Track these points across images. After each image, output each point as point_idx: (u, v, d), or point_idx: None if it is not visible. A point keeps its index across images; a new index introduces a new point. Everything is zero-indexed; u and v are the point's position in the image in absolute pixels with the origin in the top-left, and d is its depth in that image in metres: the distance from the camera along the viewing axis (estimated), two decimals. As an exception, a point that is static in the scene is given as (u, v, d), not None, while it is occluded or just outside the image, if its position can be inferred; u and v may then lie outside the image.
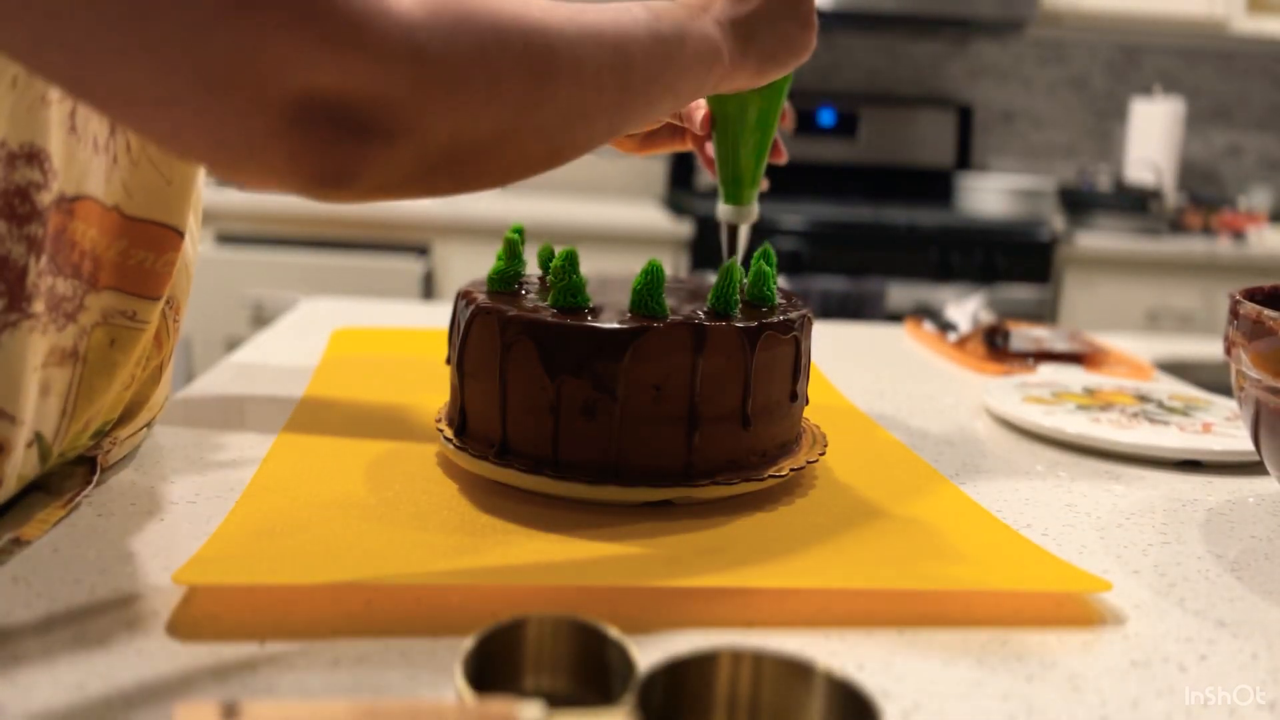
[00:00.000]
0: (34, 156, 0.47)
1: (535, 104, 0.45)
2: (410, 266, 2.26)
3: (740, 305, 0.59)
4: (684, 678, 0.35)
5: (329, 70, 0.37)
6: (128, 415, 0.61)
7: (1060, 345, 1.04)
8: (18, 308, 0.48)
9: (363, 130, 0.39)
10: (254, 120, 0.37)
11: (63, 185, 0.49)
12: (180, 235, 0.58)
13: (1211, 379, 1.03)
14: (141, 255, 0.56)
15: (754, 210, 0.70)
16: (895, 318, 2.27)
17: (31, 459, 0.52)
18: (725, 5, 0.56)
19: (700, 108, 0.68)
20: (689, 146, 0.73)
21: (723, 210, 0.70)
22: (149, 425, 0.65)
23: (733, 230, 0.71)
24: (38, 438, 0.52)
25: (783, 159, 0.72)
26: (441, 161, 0.43)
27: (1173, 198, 2.78)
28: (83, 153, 0.51)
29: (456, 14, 0.41)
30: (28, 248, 0.47)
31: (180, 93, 0.36)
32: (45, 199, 0.48)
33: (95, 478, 0.56)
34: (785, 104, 0.68)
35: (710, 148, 0.71)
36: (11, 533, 0.50)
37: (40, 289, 0.49)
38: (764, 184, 0.71)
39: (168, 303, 0.61)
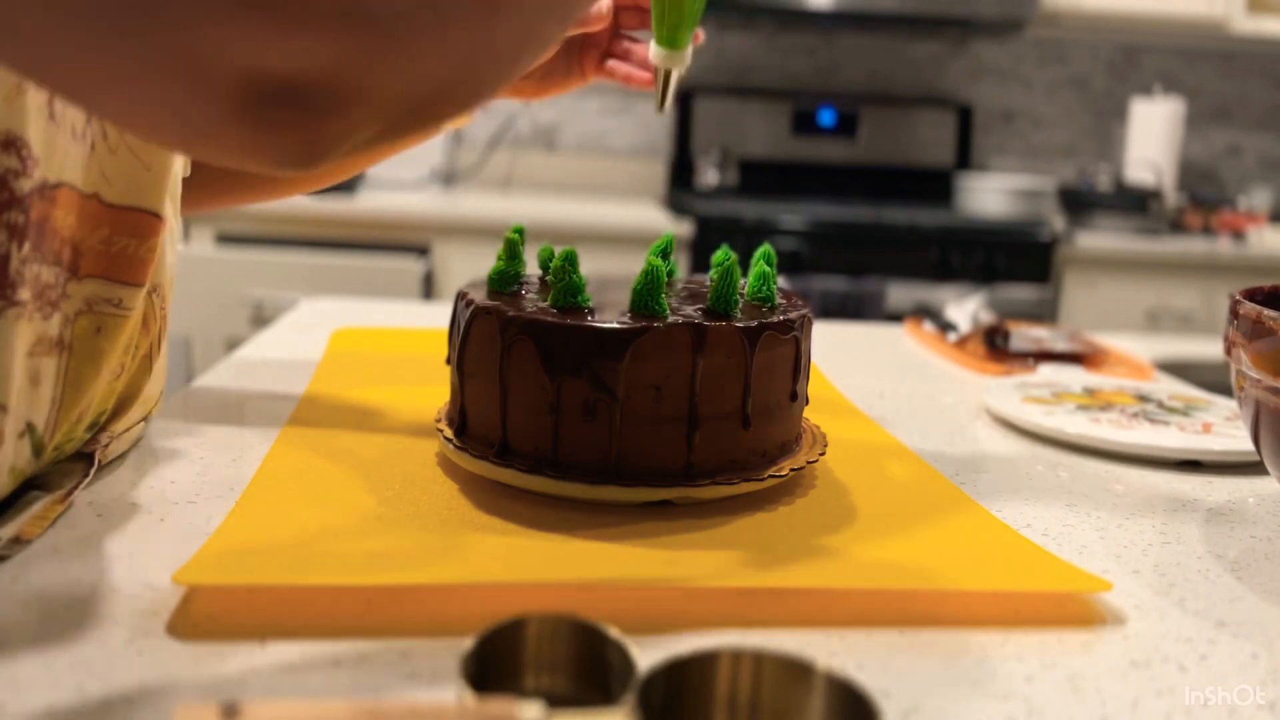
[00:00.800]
0: (11, 144, 0.47)
1: (487, 32, 0.43)
2: (410, 266, 2.25)
3: (740, 305, 0.59)
4: (684, 678, 0.35)
5: (274, 51, 0.37)
6: (121, 408, 0.61)
7: (1060, 345, 1.04)
8: (2, 295, 0.48)
9: (319, 106, 0.39)
10: (203, 103, 0.37)
11: (44, 172, 0.50)
12: (161, 219, 0.59)
13: (1211, 379, 1.03)
14: (124, 242, 0.57)
15: (687, 55, 0.72)
16: (895, 318, 2.27)
17: (24, 451, 0.52)
18: None
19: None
20: (588, 77, 0.75)
21: (655, 54, 0.72)
22: (146, 420, 0.65)
23: (666, 76, 0.72)
24: (29, 428, 0.52)
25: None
26: (402, 114, 0.43)
27: (1173, 198, 2.78)
28: (62, 140, 0.51)
29: None
30: (9, 235, 0.48)
31: (128, 75, 0.36)
32: (25, 186, 0.48)
33: (93, 471, 0.57)
34: None
35: (611, 64, 0.73)
36: (11, 530, 0.50)
37: (25, 276, 0.49)
38: (698, 35, 0.73)
39: (154, 290, 0.61)
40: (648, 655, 0.37)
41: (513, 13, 0.44)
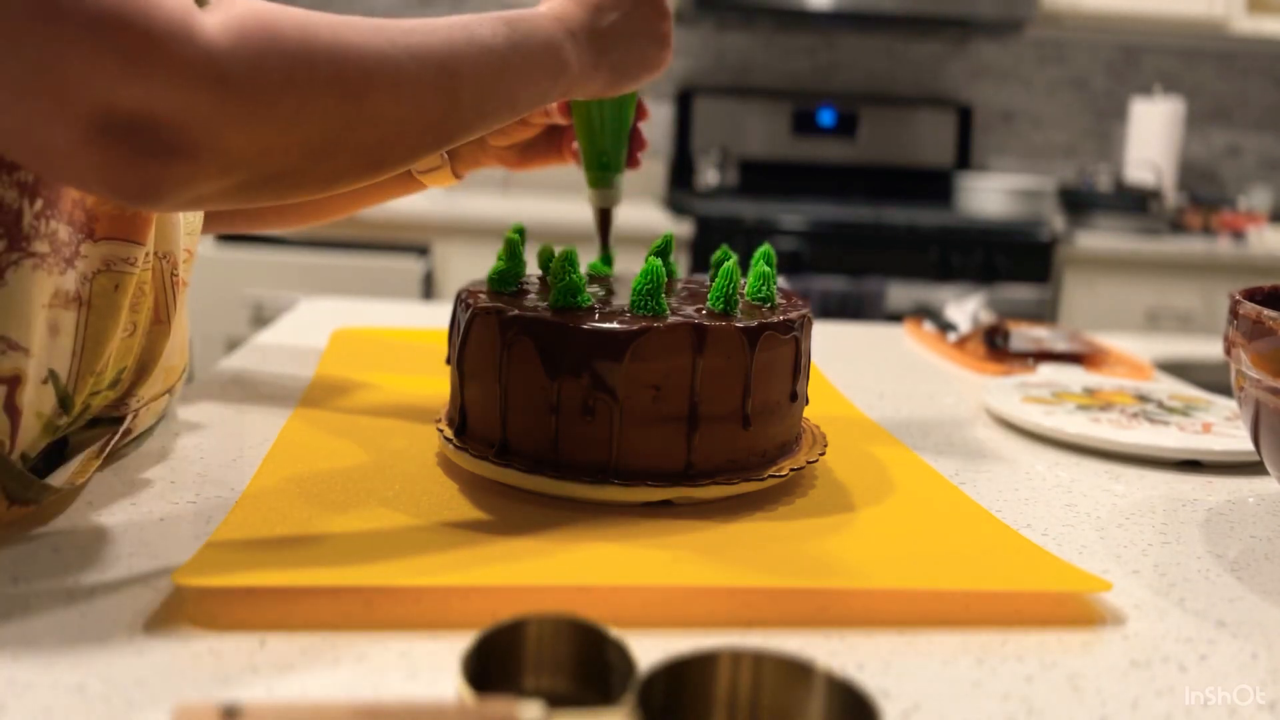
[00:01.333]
0: None
1: (348, 123, 0.47)
2: (410, 266, 2.26)
3: (740, 305, 0.59)
4: (684, 678, 0.35)
5: (129, 88, 0.40)
6: (144, 371, 0.62)
7: (1060, 345, 1.04)
8: (18, 247, 0.50)
9: (165, 148, 0.42)
10: (59, 129, 0.41)
11: None
12: None
13: (1211, 379, 1.03)
14: None
15: (619, 193, 0.73)
16: (895, 318, 2.27)
17: (49, 398, 0.53)
18: (582, 16, 0.58)
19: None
20: (567, 160, 0.76)
21: (589, 195, 0.73)
22: (170, 393, 0.66)
23: (603, 215, 0.73)
24: (52, 376, 0.53)
25: (644, 148, 0.74)
26: (255, 177, 0.46)
27: (1173, 198, 2.78)
28: None
29: (264, 39, 0.44)
30: (19, 193, 0.49)
31: None
32: None
33: (120, 430, 0.58)
34: (639, 98, 0.72)
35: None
36: (55, 483, 0.52)
37: (40, 230, 0.51)
38: (637, 161, 0.74)
39: (165, 257, 0.62)
40: (648, 655, 0.37)
41: (378, 115, 0.48)
